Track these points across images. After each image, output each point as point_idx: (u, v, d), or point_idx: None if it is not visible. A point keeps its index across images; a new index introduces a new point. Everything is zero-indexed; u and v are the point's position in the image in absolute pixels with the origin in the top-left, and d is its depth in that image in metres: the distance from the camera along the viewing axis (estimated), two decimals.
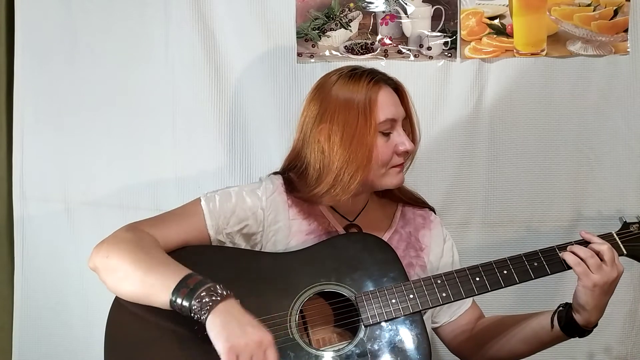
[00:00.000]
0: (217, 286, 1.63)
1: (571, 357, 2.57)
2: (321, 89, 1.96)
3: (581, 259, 1.80)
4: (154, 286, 1.66)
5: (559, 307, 1.90)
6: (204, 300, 1.59)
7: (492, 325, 2.04)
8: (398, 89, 1.98)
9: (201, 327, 1.61)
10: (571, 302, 1.87)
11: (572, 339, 2.03)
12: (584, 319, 1.83)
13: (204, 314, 1.59)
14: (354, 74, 1.93)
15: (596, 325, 1.87)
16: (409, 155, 1.97)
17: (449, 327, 2.11)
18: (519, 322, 1.97)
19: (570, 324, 1.85)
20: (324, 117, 1.90)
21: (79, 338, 2.68)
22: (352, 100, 1.88)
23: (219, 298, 1.60)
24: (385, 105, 1.90)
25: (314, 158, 1.91)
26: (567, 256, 1.82)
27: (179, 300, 1.61)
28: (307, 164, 1.94)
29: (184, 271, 1.67)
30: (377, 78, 1.93)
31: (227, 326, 1.58)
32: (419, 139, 2.05)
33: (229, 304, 1.62)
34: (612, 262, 1.80)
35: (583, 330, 1.86)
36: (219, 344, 1.56)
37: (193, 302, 1.60)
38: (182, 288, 1.62)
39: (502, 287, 1.82)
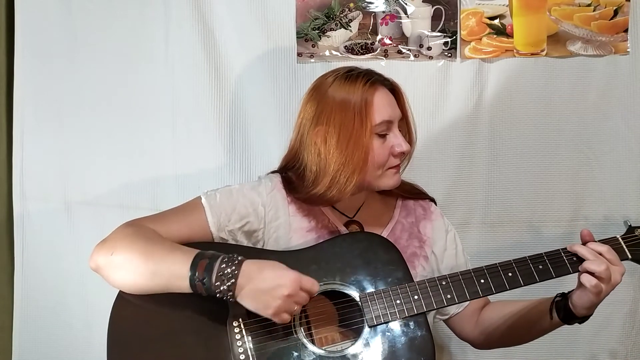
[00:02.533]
0: (224, 264, 1.67)
1: (571, 357, 2.58)
2: (318, 90, 1.96)
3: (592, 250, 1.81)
4: (169, 276, 1.69)
5: (556, 296, 1.91)
6: (222, 289, 1.65)
7: (495, 315, 2.05)
8: (394, 89, 1.99)
9: (204, 326, 1.69)
10: (566, 292, 1.88)
11: (571, 339, 2.05)
12: (583, 313, 1.85)
13: (230, 298, 1.66)
14: (350, 75, 1.93)
15: (592, 313, 1.88)
16: (405, 156, 1.98)
17: (458, 318, 2.11)
18: (520, 311, 1.99)
19: (569, 314, 1.86)
20: (321, 119, 1.91)
21: (79, 338, 2.69)
22: (348, 102, 1.88)
23: (233, 280, 1.65)
24: (382, 106, 1.90)
25: (310, 160, 1.92)
26: (579, 248, 1.83)
27: (197, 286, 1.66)
28: (304, 166, 1.95)
29: (190, 255, 1.70)
30: (374, 79, 1.93)
31: (257, 299, 1.66)
32: (415, 140, 2.05)
33: (244, 275, 1.67)
34: (617, 261, 1.82)
35: (582, 319, 1.88)
36: (262, 314, 1.68)
37: (212, 288, 1.65)
38: (195, 276, 1.66)
39: (507, 290, 1.83)
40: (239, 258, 1.68)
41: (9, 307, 2.73)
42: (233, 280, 1.64)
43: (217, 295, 1.65)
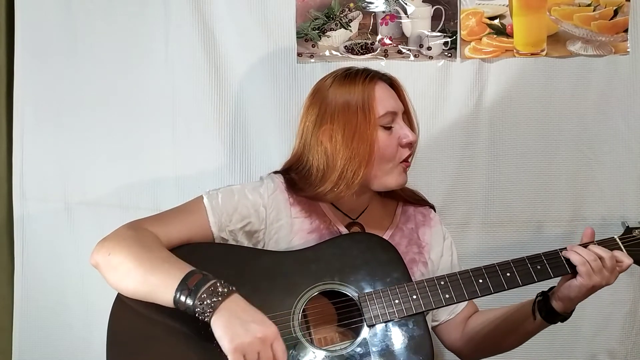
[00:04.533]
0: (219, 284, 1.63)
1: (571, 357, 2.58)
2: (318, 94, 1.98)
3: (585, 260, 1.81)
4: (157, 285, 1.67)
5: (537, 296, 1.92)
6: (206, 302, 1.60)
7: (480, 321, 2.06)
8: (393, 84, 2.01)
9: (206, 325, 1.62)
10: (546, 290, 1.90)
11: (571, 339, 2.04)
12: (565, 308, 1.86)
13: (208, 315, 1.60)
14: (349, 74, 1.96)
15: (574, 308, 1.89)
16: (412, 147, 1.98)
17: (448, 325, 2.12)
18: (503, 315, 2.00)
19: (551, 312, 1.87)
20: (325, 119, 1.92)
21: (79, 338, 2.68)
22: (351, 99, 1.90)
23: (220, 298, 1.61)
24: (384, 99, 1.92)
25: (317, 159, 1.93)
26: (572, 255, 1.82)
27: (182, 299, 1.62)
28: (310, 166, 1.95)
29: (185, 269, 1.67)
30: (372, 74, 1.95)
31: (231, 326, 1.59)
32: (418, 132, 2.05)
33: (232, 301, 1.63)
34: (612, 269, 1.82)
35: (564, 317, 1.89)
36: (224, 344, 1.58)
37: (196, 302, 1.60)
38: (184, 288, 1.62)
39: (505, 290, 1.83)
40: (233, 287, 1.65)
41: (9, 307, 2.73)
42: (219, 299, 1.61)
43: (197, 309, 1.60)
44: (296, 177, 1.99)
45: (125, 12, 2.65)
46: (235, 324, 1.59)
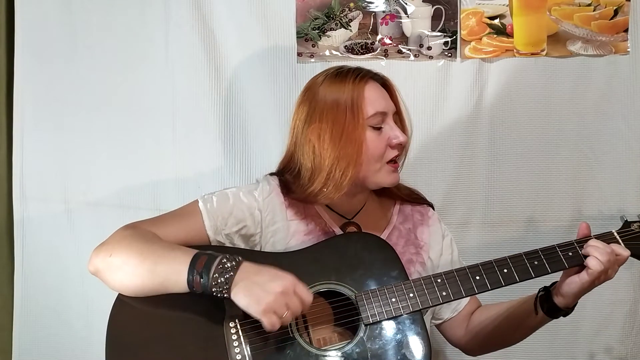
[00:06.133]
0: (225, 259, 1.66)
1: (571, 357, 2.57)
2: (309, 91, 1.99)
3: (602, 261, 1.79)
4: (167, 273, 1.69)
5: (539, 292, 1.91)
6: (220, 280, 1.63)
7: (484, 317, 2.06)
8: (385, 84, 2.01)
9: (204, 325, 1.68)
10: (548, 285, 1.90)
11: (571, 339, 2.02)
12: (566, 303, 1.85)
13: (225, 292, 1.64)
14: (340, 72, 1.96)
15: (576, 303, 1.88)
16: (402, 148, 1.98)
17: (451, 322, 2.11)
18: (507, 311, 1.99)
19: (553, 307, 1.87)
20: (314, 117, 1.92)
21: (79, 338, 2.69)
22: (340, 98, 1.90)
23: (232, 273, 1.64)
24: (374, 99, 1.92)
25: (306, 158, 1.93)
26: (591, 256, 1.80)
27: (197, 280, 1.65)
28: (300, 165, 1.95)
29: (191, 252, 1.70)
30: (363, 74, 1.95)
31: (251, 293, 1.63)
32: (410, 133, 2.05)
33: (243, 271, 1.66)
34: (612, 265, 1.81)
35: (566, 312, 1.88)
36: (252, 311, 1.63)
37: (210, 282, 1.64)
38: (194, 275, 1.65)
39: (503, 286, 1.82)
40: (239, 257, 1.68)
41: (9, 307, 2.73)
42: (231, 274, 1.64)
43: (213, 290, 1.63)
44: (289, 178, 1.99)
45: (125, 12, 2.65)
46: (254, 289, 1.64)
